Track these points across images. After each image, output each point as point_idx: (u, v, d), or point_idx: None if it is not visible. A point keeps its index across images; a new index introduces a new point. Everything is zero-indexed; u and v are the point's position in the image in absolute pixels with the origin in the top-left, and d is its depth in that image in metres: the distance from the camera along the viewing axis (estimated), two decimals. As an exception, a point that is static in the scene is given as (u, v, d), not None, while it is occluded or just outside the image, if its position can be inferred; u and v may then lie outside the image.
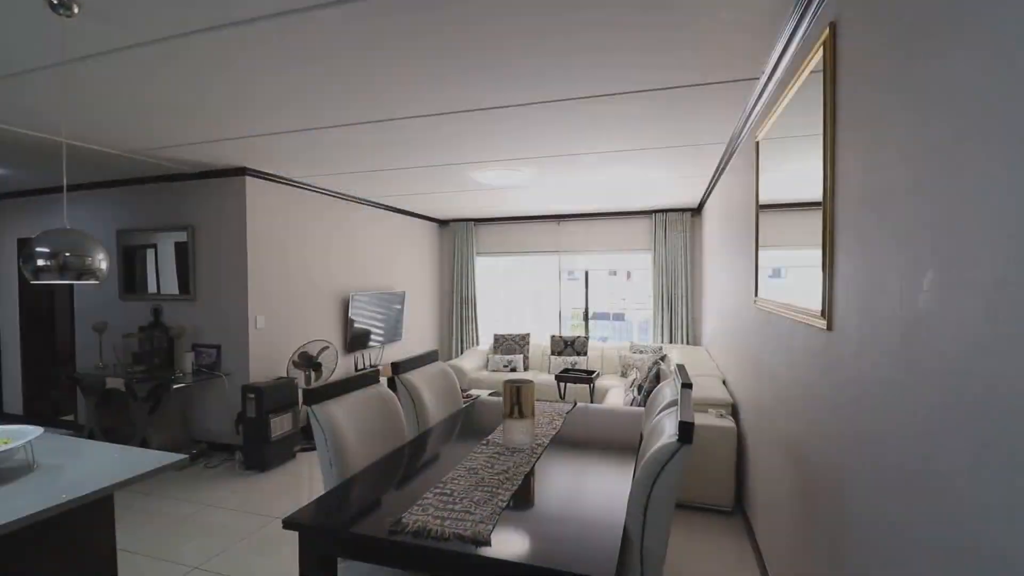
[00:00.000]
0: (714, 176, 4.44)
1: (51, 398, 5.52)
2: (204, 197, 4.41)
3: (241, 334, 4.31)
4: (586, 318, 7.09)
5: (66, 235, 1.73)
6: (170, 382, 4.09)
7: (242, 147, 3.56)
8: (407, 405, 2.54)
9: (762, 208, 2.54)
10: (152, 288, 4.67)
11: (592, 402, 5.08)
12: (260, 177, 4.33)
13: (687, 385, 1.96)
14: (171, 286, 4.58)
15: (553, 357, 5.93)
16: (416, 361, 2.73)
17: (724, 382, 3.98)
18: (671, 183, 4.88)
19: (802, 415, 1.89)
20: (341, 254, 5.47)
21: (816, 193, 1.64)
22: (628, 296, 9.53)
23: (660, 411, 2.06)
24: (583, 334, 6.77)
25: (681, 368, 2.29)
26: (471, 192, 5.33)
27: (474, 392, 5.21)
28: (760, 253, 2.61)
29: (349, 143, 3.45)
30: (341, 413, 2.02)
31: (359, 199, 5.64)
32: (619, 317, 11.05)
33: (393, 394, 2.36)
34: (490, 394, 5.18)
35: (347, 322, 5.42)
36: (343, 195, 5.36)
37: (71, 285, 5.14)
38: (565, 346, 6.00)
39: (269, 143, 3.46)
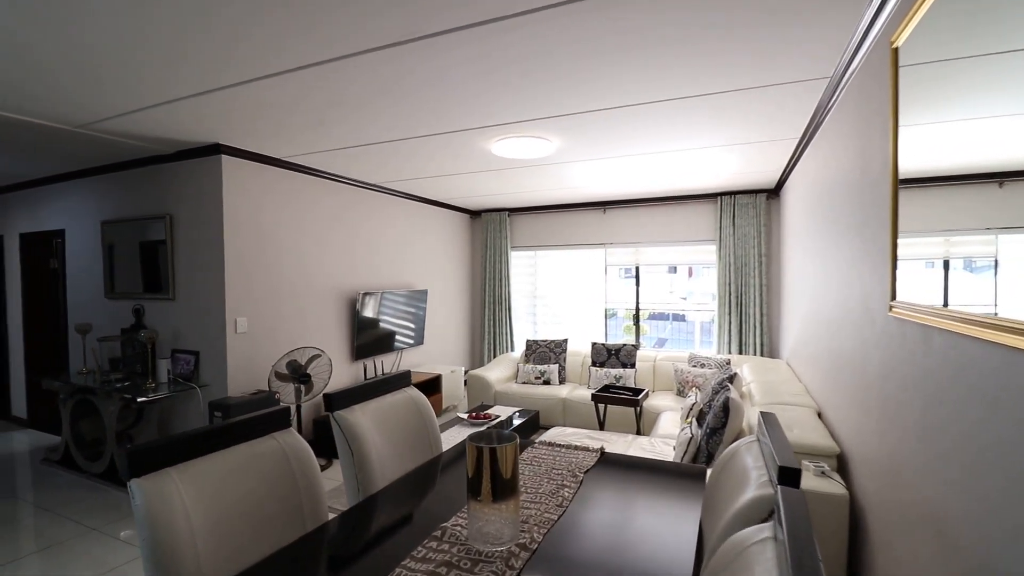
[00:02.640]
0: (803, 140, 3.35)
1: (55, 403, 5.21)
2: (180, 182, 3.83)
3: (218, 339, 3.69)
4: (636, 321, 6.06)
5: None
6: (137, 393, 3.53)
7: (203, 110, 2.85)
8: (344, 458, 1.73)
9: (903, 183, 1.54)
10: (133, 285, 4.17)
11: (639, 430, 4.08)
12: (239, 156, 3.69)
13: (789, 474, 1.01)
14: (151, 283, 4.05)
15: (594, 369, 4.97)
16: (366, 390, 1.91)
17: (819, 415, 2.91)
18: (742, 156, 3.81)
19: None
20: (349, 248, 4.78)
21: None
22: (689, 294, 8.39)
23: (739, 508, 1.12)
24: (631, 341, 5.77)
25: (770, 424, 1.33)
26: (496, 173, 4.48)
27: (497, 411, 4.36)
28: (899, 239, 1.61)
29: (313, 97, 2.69)
30: (191, 490, 1.23)
31: (368, 184, 4.93)
32: (679, 317, 9.85)
33: (308, 449, 1.54)
34: (519, 412, 4.34)
35: (355, 325, 4.73)
36: (347, 179, 4.66)
37: (63, 282, 4.76)
38: (608, 356, 5.03)
39: (229, 101, 2.76)
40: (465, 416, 3.99)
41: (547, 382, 5.07)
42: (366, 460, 1.71)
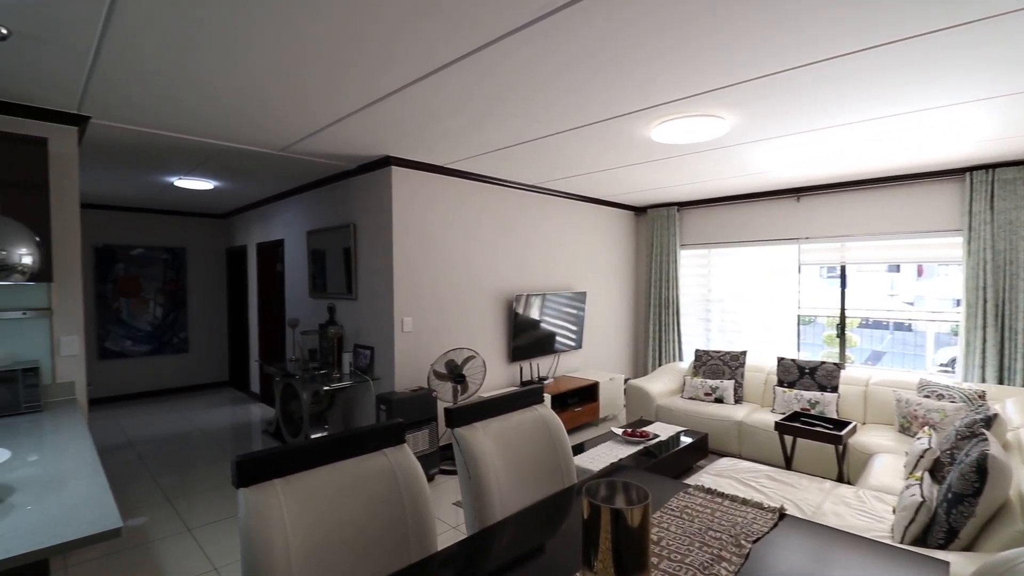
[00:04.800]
0: None
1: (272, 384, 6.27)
2: (360, 193, 4.24)
3: (388, 337, 3.97)
4: (841, 332, 4.96)
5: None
6: (325, 382, 3.99)
7: (370, 123, 3.02)
8: (463, 482, 1.59)
9: None
10: (329, 286, 4.75)
11: (842, 476, 3.25)
12: (404, 166, 3.92)
13: None
14: (341, 284, 4.56)
15: (781, 390, 4.16)
16: (491, 406, 1.75)
17: None
18: (1004, 113, 2.75)
19: None
20: (506, 250, 4.80)
21: None
22: (918, 299, 6.72)
23: None
24: (834, 357, 4.75)
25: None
26: (659, 163, 4.03)
27: (657, 429, 3.92)
28: None
29: (459, 96, 2.65)
30: (294, 507, 1.19)
31: (523, 185, 4.89)
32: (903, 327, 7.94)
33: (419, 470, 1.43)
34: (683, 433, 3.84)
35: (512, 327, 4.72)
36: (502, 181, 4.67)
37: (281, 283, 5.69)
38: (801, 374, 4.16)
39: (390, 112, 2.90)
40: (620, 432, 3.64)
41: (719, 400, 4.41)
42: (483, 488, 1.55)
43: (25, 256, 1.41)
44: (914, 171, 4.26)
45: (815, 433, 3.17)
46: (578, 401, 4.89)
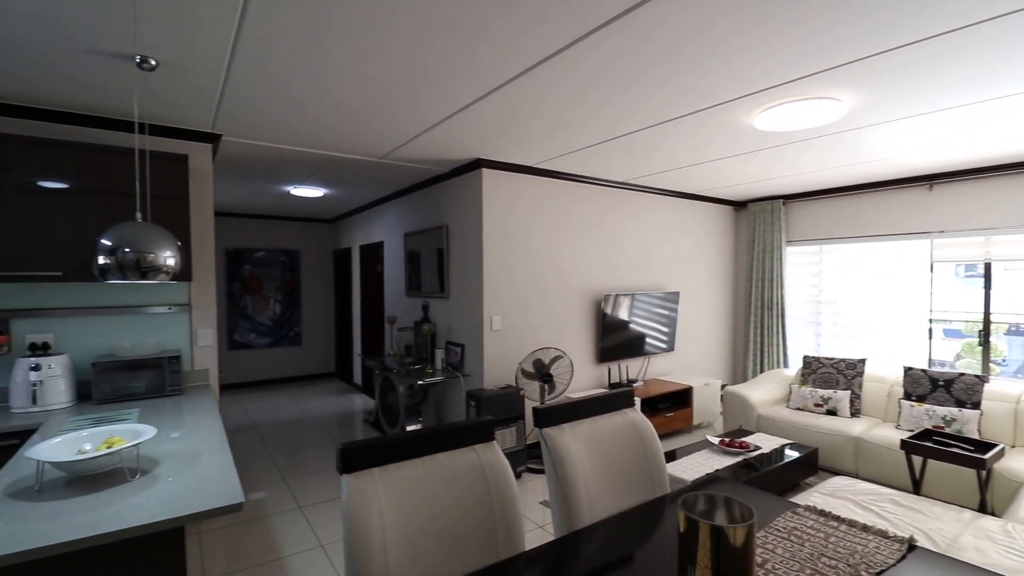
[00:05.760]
0: None
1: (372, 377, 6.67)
2: (452, 196, 4.38)
3: (478, 335, 4.08)
4: (984, 340, 4.30)
5: (129, 230, 1.53)
6: (419, 376, 4.17)
7: (462, 127, 3.13)
8: (551, 482, 1.58)
9: None
10: (423, 286, 4.97)
11: (985, 506, 2.80)
12: (494, 167, 3.99)
13: None
14: (435, 284, 4.74)
15: (908, 404, 3.68)
16: (579, 408, 1.72)
17: None
18: None
19: None
20: (594, 249, 4.72)
21: None
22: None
23: None
24: (975, 368, 4.14)
25: None
26: (762, 153, 3.75)
27: (758, 440, 3.65)
28: None
29: (550, 95, 2.64)
30: (390, 497, 1.26)
31: (614, 183, 4.77)
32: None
33: (508, 468, 1.44)
34: (788, 446, 3.54)
35: (600, 327, 4.63)
36: (592, 179, 4.60)
37: (381, 282, 6.03)
38: (933, 387, 3.66)
39: (481, 116, 2.97)
40: (716, 441, 3.44)
41: (832, 412, 4.00)
42: (572, 490, 1.53)
43: (170, 258, 1.62)
44: (1087, 150, 3.58)
45: (952, 455, 2.76)
46: (669, 406, 4.69)
